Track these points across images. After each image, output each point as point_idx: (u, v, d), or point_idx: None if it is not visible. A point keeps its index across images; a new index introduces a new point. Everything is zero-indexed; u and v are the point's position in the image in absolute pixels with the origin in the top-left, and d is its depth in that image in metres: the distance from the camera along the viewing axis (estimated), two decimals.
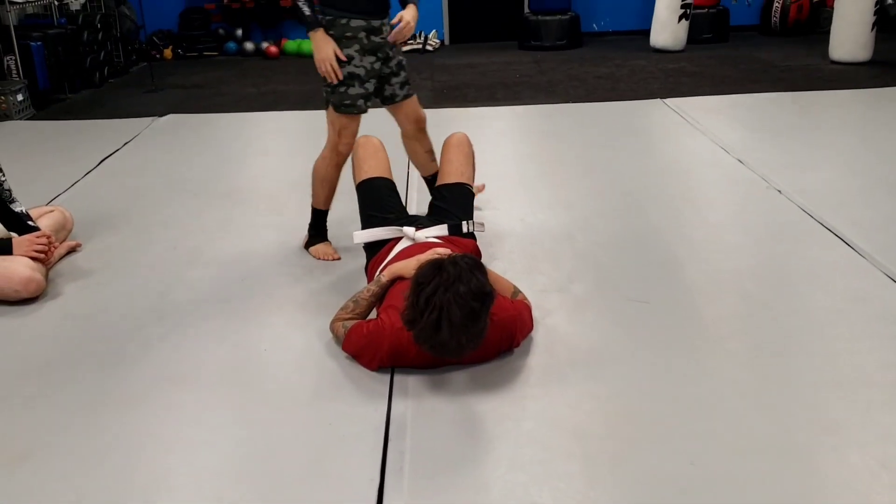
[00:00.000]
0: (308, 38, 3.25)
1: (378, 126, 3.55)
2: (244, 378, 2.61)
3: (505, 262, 3.37)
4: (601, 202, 4.09)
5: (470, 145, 3.33)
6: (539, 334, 2.79)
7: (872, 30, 7.43)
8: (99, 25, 7.91)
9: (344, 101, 3.28)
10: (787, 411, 2.36)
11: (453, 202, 3.16)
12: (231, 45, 9.67)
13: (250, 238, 3.81)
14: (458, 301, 2.28)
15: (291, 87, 7.60)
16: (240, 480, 2.13)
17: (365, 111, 3.34)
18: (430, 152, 3.68)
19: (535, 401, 2.44)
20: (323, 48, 3.19)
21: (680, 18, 8.54)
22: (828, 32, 7.79)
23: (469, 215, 3.15)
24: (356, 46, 3.20)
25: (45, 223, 3.55)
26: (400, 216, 3.11)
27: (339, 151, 3.38)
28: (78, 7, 8.14)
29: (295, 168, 4.99)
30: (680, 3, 8.47)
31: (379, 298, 2.71)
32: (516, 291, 2.80)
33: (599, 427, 2.31)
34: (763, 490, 2.04)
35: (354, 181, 3.29)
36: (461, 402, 2.43)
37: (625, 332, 2.83)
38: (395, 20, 3.25)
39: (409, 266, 2.62)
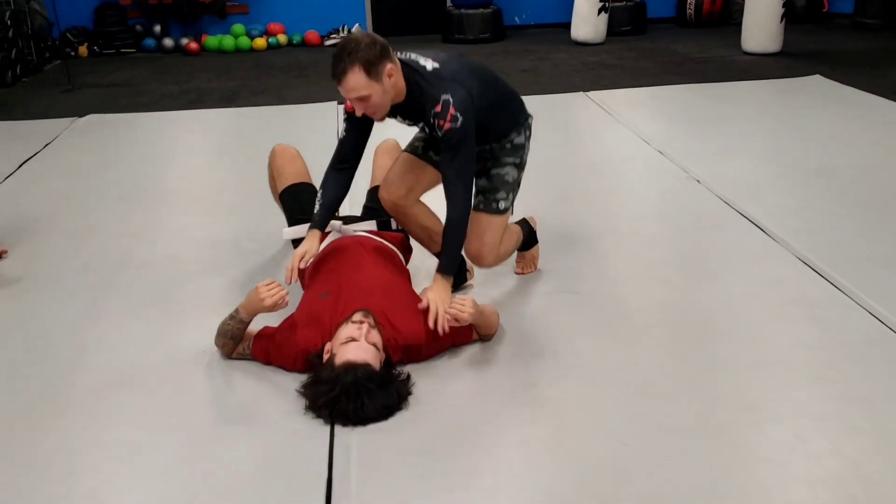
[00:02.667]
0: (229, 34, 3.18)
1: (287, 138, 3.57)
2: (185, 381, 2.62)
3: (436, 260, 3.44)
4: (530, 196, 4.17)
5: (400, 150, 3.37)
6: None
7: (781, 21, 7.73)
8: (9, 22, 7.67)
9: None
10: (709, 392, 2.50)
11: None
12: (149, 41, 9.49)
13: (181, 240, 3.79)
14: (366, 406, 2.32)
15: (214, 85, 7.52)
16: (188, 483, 2.15)
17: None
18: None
19: (472, 389, 2.53)
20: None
21: (599, 11, 8.72)
22: (740, 24, 8.07)
23: None
24: None
25: None
26: None
27: None
28: None
29: (222, 168, 4.98)
30: None
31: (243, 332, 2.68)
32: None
33: (534, 413, 2.41)
34: (690, 465, 2.17)
35: (276, 191, 3.31)
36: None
37: (557, 322, 2.94)
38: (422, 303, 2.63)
39: (257, 300, 2.57)
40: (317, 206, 2.83)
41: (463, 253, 2.95)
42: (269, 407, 2.46)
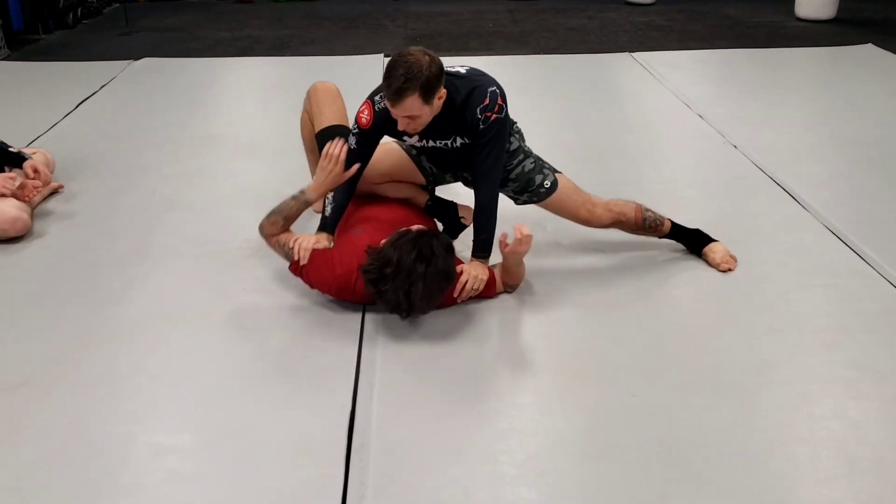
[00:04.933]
0: None
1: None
2: (225, 316, 2.79)
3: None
4: (566, 156, 4.24)
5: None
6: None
7: None
8: None
9: None
10: (723, 352, 2.59)
11: None
12: None
13: (227, 183, 3.95)
14: (429, 276, 2.49)
15: (266, 33, 7.64)
16: (223, 408, 2.32)
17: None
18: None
19: (493, 338, 2.66)
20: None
21: None
22: None
23: None
24: None
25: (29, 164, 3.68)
26: None
27: None
28: None
29: (270, 115, 5.12)
30: None
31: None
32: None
33: (551, 362, 2.53)
34: (697, 419, 2.27)
35: (308, 129, 3.37)
36: (426, 344, 2.63)
37: (578, 278, 3.04)
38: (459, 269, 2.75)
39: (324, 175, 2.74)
40: (328, 209, 2.83)
41: (458, 204, 3.15)
42: (303, 345, 2.62)
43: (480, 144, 2.75)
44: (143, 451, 2.16)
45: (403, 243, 2.53)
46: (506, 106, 2.73)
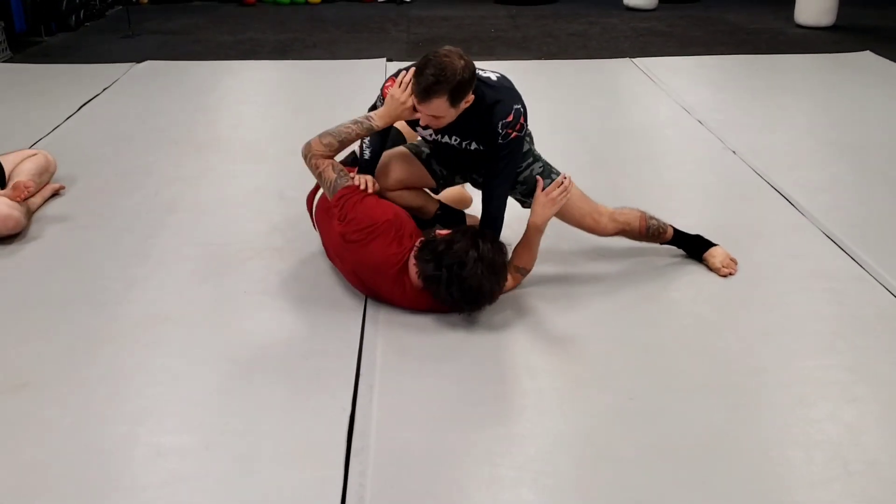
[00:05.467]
0: None
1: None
2: (225, 318, 2.81)
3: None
4: (566, 160, 4.24)
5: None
6: None
7: None
8: None
9: None
10: (720, 355, 2.61)
11: None
12: None
13: (229, 186, 3.97)
14: (482, 261, 2.56)
15: (268, 36, 7.66)
16: (223, 409, 2.34)
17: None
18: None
19: (492, 342, 2.68)
20: None
21: None
22: None
23: None
24: None
25: (28, 166, 3.70)
26: None
27: None
28: None
29: (272, 118, 5.14)
30: None
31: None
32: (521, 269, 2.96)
33: (550, 366, 2.55)
34: (691, 421, 2.30)
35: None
36: (426, 347, 2.65)
37: (578, 282, 3.06)
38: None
39: (398, 104, 2.70)
40: (366, 153, 2.87)
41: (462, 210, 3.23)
42: (303, 346, 2.64)
43: (495, 158, 2.78)
44: (144, 451, 2.17)
45: (464, 231, 2.64)
46: (526, 125, 2.76)
